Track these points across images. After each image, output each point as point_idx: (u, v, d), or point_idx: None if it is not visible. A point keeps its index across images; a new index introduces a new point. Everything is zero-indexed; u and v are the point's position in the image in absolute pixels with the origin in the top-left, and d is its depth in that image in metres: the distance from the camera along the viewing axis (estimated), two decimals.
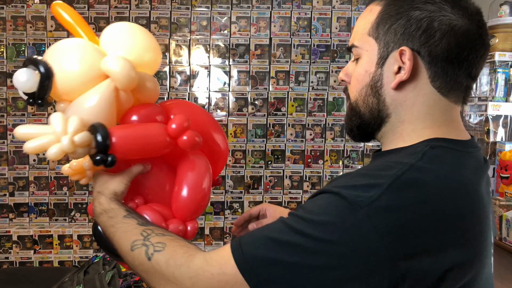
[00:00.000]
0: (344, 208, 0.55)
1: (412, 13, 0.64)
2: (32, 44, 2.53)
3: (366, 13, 0.71)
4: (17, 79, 0.69)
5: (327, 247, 0.54)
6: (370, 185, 0.56)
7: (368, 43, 0.69)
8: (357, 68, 0.72)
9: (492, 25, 1.77)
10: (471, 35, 0.63)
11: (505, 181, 1.50)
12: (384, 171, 0.58)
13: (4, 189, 2.55)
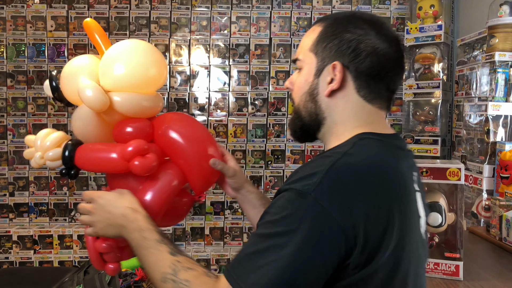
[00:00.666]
0: (296, 199, 0.67)
1: (344, 35, 0.78)
2: (32, 44, 2.53)
3: (310, 32, 0.84)
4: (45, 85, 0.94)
5: (293, 235, 0.64)
6: (312, 173, 0.68)
7: (309, 57, 0.82)
8: (298, 78, 0.85)
9: (492, 25, 1.77)
10: (390, 57, 0.78)
11: (505, 181, 1.50)
12: (323, 160, 0.71)
13: (4, 189, 2.55)
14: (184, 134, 0.91)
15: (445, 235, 1.17)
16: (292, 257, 0.64)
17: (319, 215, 0.65)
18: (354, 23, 0.80)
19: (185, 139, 0.91)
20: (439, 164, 1.12)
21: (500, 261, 1.30)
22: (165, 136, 0.90)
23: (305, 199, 0.66)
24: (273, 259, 0.64)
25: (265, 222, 0.69)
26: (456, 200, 1.14)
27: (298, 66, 0.85)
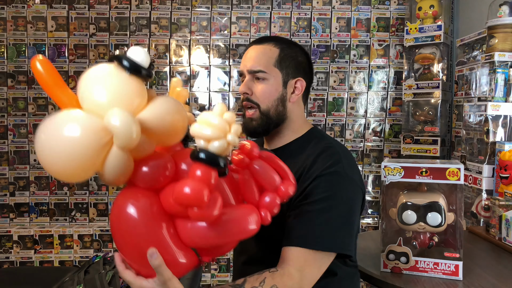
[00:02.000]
0: (335, 178, 1.00)
1: (298, 58, 1.15)
2: (33, 44, 2.53)
3: (267, 50, 1.12)
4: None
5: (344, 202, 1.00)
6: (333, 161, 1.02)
7: (274, 71, 1.11)
8: (266, 87, 1.11)
9: (492, 26, 1.77)
10: (313, 73, 1.23)
11: (504, 181, 1.50)
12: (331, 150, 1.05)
13: (4, 189, 2.55)
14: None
15: (445, 235, 1.17)
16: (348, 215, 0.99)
17: (355, 187, 1.02)
18: (299, 48, 1.17)
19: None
20: (438, 164, 1.12)
21: (500, 261, 1.30)
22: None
23: (345, 178, 1.01)
24: (340, 221, 0.98)
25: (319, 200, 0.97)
26: (456, 200, 1.15)
27: (261, 76, 1.10)
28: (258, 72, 1.10)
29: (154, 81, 2.57)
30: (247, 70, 1.11)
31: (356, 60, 2.58)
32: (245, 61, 1.13)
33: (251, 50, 1.14)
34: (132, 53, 0.65)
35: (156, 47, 2.56)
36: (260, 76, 1.10)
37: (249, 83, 1.11)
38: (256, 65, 1.10)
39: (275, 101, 1.11)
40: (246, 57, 1.14)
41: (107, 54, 2.55)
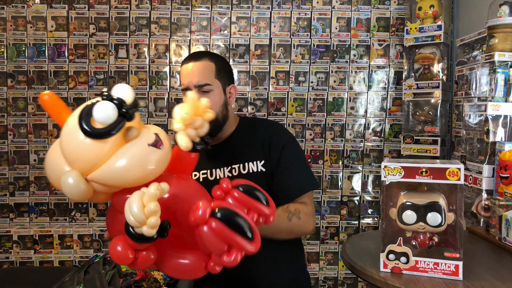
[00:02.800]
0: (295, 140, 1.52)
1: (227, 68, 1.45)
2: (33, 44, 2.53)
3: (206, 65, 1.37)
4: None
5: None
6: (282, 131, 1.50)
7: (217, 83, 1.37)
8: (212, 97, 1.33)
9: (492, 25, 1.77)
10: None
11: (504, 181, 1.50)
12: (276, 124, 1.54)
13: (4, 189, 2.55)
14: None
15: (445, 235, 1.17)
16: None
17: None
18: (224, 59, 1.48)
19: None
20: (438, 164, 1.12)
21: (500, 261, 1.30)
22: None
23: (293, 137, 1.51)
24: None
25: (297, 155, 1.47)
26: (456, 200, 1.15)
27: (207, 89, 1.33)
28: (205, 85, 1.33)
29: (154, 81, 2.57)
30: (195, 85, 1.32)
31: (356, 60, 2.58)
32: (190, 77, 1.32)
33: (191, 67, 1.34)
34: (99, 109, 0.68)
35: (156, 47, 2.56)
36: (206, 89, 1.33)
37: (199, 96, 1.18)
38: (201, 79, 1.33)
39: (221, 107, 1.38)
40: (189, 73, 1.33)
41: (107, 54, 2.55)
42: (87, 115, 0.69)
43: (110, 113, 0.68)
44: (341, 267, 2.59)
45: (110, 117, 0.68)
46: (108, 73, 2.56)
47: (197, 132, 0.78)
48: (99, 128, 0.68)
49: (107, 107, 0.68)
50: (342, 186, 2.61)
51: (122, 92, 0.71)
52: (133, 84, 2.56)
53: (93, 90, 2.55)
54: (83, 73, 2.55)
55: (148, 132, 0.74)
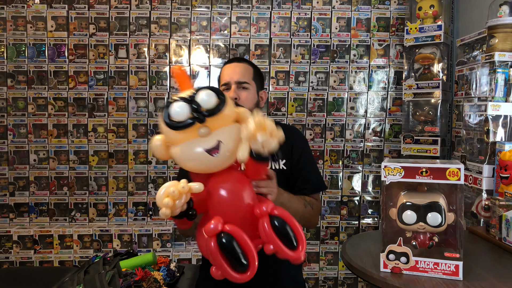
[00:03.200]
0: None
1: (262, 75, 1.63)
2: (32, 44, 2.53)
3: (246, 67, 1.55)
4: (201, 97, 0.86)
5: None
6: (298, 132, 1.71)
7: (253, 84, 1.54)
8: (249, 94, 1.51)
9: (492, 25, 1.77)
10: None
11: (504, 181, 1.50)
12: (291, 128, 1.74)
13: (4, 189, 2.55)
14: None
15: (445, 235, 1.17)
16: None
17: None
18: (260, 69, 1.64)
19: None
20: (438, 164, 1.12)
21: (500, 261, 1.30)
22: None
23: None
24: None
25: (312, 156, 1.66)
26: (456, 200, 1.14)
27: (245, 86, 1.50)
28: (244, 83, 1.50)
29: (154, 81, 2.57)
30: (235, 81, 1.49)
31: (356, 60, 2.58)
32: (231, 74, 1.50)
33: (234, 67, 1.53)
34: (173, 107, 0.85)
35: (156, 47, 2.56)
36: (244, 86, 1.50)
37: (237, 91, 1.49)
38: (242, 77, 1.50)
39: (253, 106, 1.52)
40: (231, 72, 1.51)
41: (107, 54, 2.55)
42: (167, 107, 0.85)
43: (180, 113, 0.83)
44: (341, 267, 2.59)
45: (180, 116, 0.83)
46: (108, 73, 2.56)
47: (263, 146, 0.84)
48: (171, 121, 0.84)
49: (178, 108, 0.83)
50: (342, 186, 2.61)
51: (203, 97, 0.84)
52: (133, 84, 2.56)
53: (93, 90, 2.55)
54: (83, 73, 2.55)
55: (212, 137, 0.85)
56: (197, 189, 0.84)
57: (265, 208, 0.88)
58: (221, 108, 0.85)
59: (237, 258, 0.83)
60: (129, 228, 2.51)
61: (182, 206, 0.83)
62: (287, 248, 0.87)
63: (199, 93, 0.85)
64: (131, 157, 2.57)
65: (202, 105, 0.83)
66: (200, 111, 0.83)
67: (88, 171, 2.57)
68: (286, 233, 0.87)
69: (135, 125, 2.57)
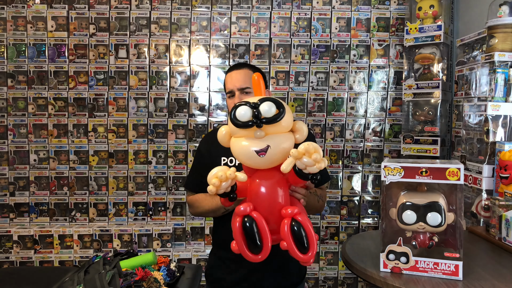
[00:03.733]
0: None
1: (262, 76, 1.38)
2: (33, 44, 2.53)
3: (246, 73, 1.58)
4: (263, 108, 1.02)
5: None
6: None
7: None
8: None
9: (492, 25, 1.77)
10: None
11: (504, 181, 1.50)
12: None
13: (4, 189, 2.55)
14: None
15: (445, 235, 1.17)
16: None
17: None
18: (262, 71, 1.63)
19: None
20: (438, 164, 1.12)
21: (500, 261, 1.30)
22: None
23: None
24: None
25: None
26: (456, 200, 1.15)
27: (248, 91, 1.55)
28: (246, 88, 1.55)
29: (154, 81, 2.57)
30: (238, 88, 1.55)
31: (356, 60, 2.58)
32: (234, 82, 1.56)
33: (235, 74, 1.58)
34: (238, 109, 1.02)
35: (156, 47, 2.56)
36: (247, 91, 1.55)
37: (241, 97, 1.55)
38: (244, 84, 1.56)
39: None
40: (233, 80, 1.57)
41: (107, 54, 2.55)
42: (236, 108, 1.02)
43: (243, 115, 1.00)
44: (341, 267, 2.59)
45: (243, 117, 1.00)
46: (108, 73, 2.56)
47: (305, 167, 0.99)
48: (235, 119, 1.01)
49: (243, 111, 1.00)
50: (342, 186, 2.61)
51: (265, 107, 1.00)
52: (133, 84, 2.56)
53: (93, 90, 2.56)
54: (83, 73, 2.55)
55: (264, 141, 1.02)
56: (242, 179, 1.04)
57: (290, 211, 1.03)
58: (278, 119, 1.01)
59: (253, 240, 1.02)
60: (129, 228, 2.51)
61: (226, 188, 1.03)
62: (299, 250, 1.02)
63: (263, 103, 1.02)
64: (131, 157, 2.57)
65: (262, 113, 1.01)
66: (259, 117, 1.00)
67: (88, 171, 2.57)
68: (301, 237, 1.01)
69: (135, 125, 2.57)
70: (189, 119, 2.57)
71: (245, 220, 1.03)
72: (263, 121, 1.00)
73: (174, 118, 2.57)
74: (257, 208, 1.05)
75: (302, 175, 1.01)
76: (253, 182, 1.10)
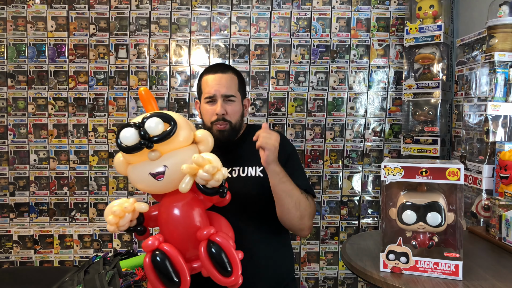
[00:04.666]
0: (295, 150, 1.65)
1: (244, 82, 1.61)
2: (33, 44, 2.53)
3: (232, 78, 1.52)
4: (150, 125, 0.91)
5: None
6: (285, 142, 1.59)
7: (238, 95, 1.53)
8: (235, 107, 1.51)
9: (492, 25, 1.77)
10: None
11: (504, 181, 1.50)
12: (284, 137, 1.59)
13: (4, 189, 2.55)
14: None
15: (445, 235, 1.17)
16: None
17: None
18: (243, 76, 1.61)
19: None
20: (438, 164, 1.12)
21: (500, 261, 1.30)
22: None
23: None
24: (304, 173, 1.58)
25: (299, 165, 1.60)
26: (456, 200, 1.15)
27: (232, 99, 1.49)
28: (230, 96, 1.48)
29: (154, 81, 2.57)
30: (222, 94, 1.46)
31: (356, 60, 2.58)
32: (218, 87, 1.45)
33: (220, 78, 1.47)
34: (123, 133, 0.90)
35: (156, 47, 2.56)
36: (231, 99, 1.48)
37: (224, 105, 1.47)
38: (229, 91, 1.48)
39: (240, 117, 1.54)
40: (217, 84, 1.46)
41: (107, 54, 2.55)
42: (119, 131, 0.91)
43: (129, 138, 0.88)
44: (341, 267, 2.59)
45: (128, 141, 0.88)
46: (108, 73, 2.56)
47: (205, 182, 0.90)
48: (121, 145, 0.90)
49: (127, 133, 0.89)
50: (342, 186, 2.61)
51: (151, 125, 0.88)
52: (133, 84, 2.56)
53: (93, 90, 2.56)
54: (83, 73, 2.55)
55: (160, 162, 0.89)
56: (142, 209, 0.91)
57: (205, 233, 0.91)
58: (170, 134, 0.88)
59: (168, 277, 0.88)
60: None
61: (128, 222, 0.90)
62: (221, 274, 0.90)
63: (148, 121, 0.89)
64: None
65: (149, 131, 0.88)
66: (147, 137, 0.87)
67: (88, 171, 2.57)
68: (221, 260, 0.90)
69: None
70: (189, 119, 2.57)
71: (155, 255, 0.89)
72: (152, 140, 0.88)
73: None
74: (170, 237, 0.93)
75: (207, 191, 0.90)
76: (161, 209, 0.97)
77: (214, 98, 1.46)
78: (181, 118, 0.95)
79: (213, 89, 1.46)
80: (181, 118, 0.95)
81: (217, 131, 1.46)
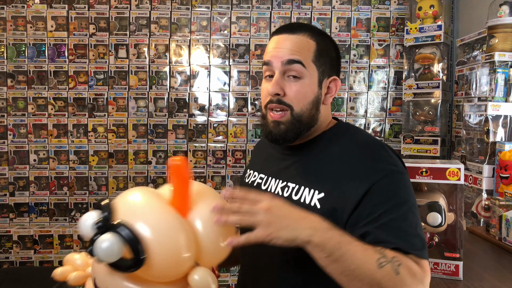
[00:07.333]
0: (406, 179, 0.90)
1: (332, 53, 0.98)
2: (33, 44, 2.53)
3: (304, 42, 0.94)
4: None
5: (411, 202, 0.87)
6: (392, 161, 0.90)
7: (312, 68, 0.94)
8: (301, 87, 0.93)
9: (492, 25, 1.77)
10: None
11: (504, 181, 1.50)
12: (378, 147, 0.92)
13: (4, 189, 2.55)
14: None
15: (445, 235, 1.17)
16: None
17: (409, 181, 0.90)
18: (331, 40, 0.99)
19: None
20: (438, 164, 1.12)
21: (500, 261, 1.30)
22: None
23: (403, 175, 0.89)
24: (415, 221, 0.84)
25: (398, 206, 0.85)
26: (456, 200, 1.15)
27: (295, 72, 0.92)
28: (294, 63, 0.92)
29: (154, 81, 2.57)
30: (283, 60, 0.92)
31: (356, 60, 2.58)
32: (279, 52, 0.93)
33: (284, 40, 0.93)
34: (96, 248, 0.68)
35: (156, 47, 2.56)
36: (294, 73, 0.92)
37: (282, 82, 0.93)
38: (291, 55, 0.92)
39: (309, 104, 0.94)
40: (277, 47, 0.94)
41: (107, 54, 2.55)
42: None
43: (84, 232, 0.71)
44: None
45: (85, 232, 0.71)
46: (108, 73, 2.56)
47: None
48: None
49: (84, 229, 0.71)
50: None
51: (99, 249, 0.66)
52: (133, 84, 2.56)
53: (93, 90, 2.55)
54: (83, 73, 2.55)
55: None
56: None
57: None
58: (130, 269, 0.67)
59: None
60: None
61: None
62: None
63: (97, 240, 0.66)
64: (131, 157, 2.57)
65: (100, 258, 0.66)
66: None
67: (88, 171, 2.57)
68: None
69: (135, 125, 2.57)
70: (189, 119, 2.57)
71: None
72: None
73: (174, 118, 2.57)
74: None
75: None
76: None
77: (271, 69, 0.95)
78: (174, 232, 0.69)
79: (270, 54, 0.95)
80: (175, 232, 0.69)
81: (271, 122, 0.95)
